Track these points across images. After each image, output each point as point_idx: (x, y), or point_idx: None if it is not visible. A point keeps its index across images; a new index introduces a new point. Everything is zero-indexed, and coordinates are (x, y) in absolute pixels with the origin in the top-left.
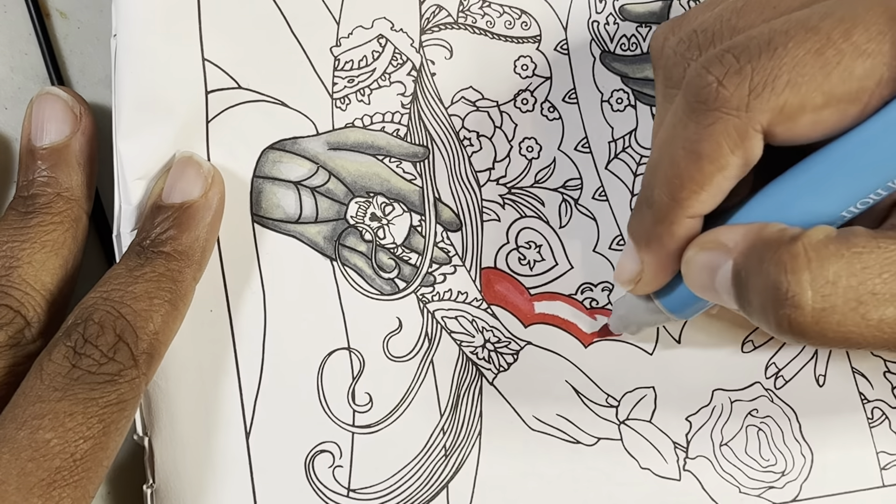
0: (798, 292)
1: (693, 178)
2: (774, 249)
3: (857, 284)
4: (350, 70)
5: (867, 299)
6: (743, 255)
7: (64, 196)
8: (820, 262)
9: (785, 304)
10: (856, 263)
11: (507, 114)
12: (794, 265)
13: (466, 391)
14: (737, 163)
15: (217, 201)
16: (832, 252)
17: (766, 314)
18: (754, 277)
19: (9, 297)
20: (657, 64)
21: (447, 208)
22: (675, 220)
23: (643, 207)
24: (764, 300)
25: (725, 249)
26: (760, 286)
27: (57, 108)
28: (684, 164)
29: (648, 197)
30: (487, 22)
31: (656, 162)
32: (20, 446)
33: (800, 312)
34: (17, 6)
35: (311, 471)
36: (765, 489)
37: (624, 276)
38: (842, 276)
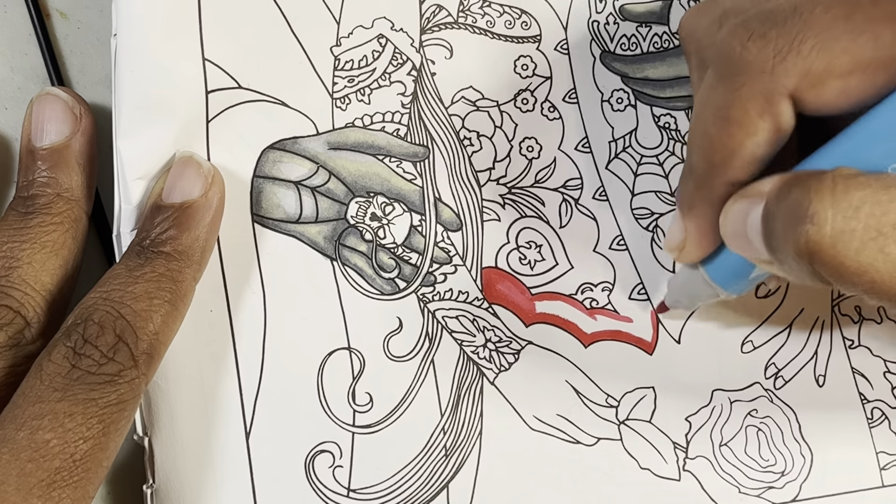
0: (819, 210)
1: (724, 143)
2: (804, 181)
3: (881, 214)
4: (350, 70)
5: (889, 232)
6: (774, 192)
7: (64, 196)
8: (846, 187)
9: (804, 221)
10: (882, 194)
11: (508, 113)
12: (819, 187)
13: (467, 391)
14: (766, 127)
15: (217, 201)
16: (860, 182)
17: (787, 239)
18: (780, 205)
19: (9, 297)
20: (689, 49)
21: (447, 208)
22: (713, 186)
23: (686, 175)
24: (786, 225)
25: (760, 194)
26: (784, 211)
27: (57, 109)
28: (715, 131)
29: (689, 164)
30: (487, 22)
31: (693, 130)
32: (20, 447)
33: (818, 231)
34: (17, 6)
35: (312, 471)
36: (764, 489)
37: (671, 244)
38: (866, 203)
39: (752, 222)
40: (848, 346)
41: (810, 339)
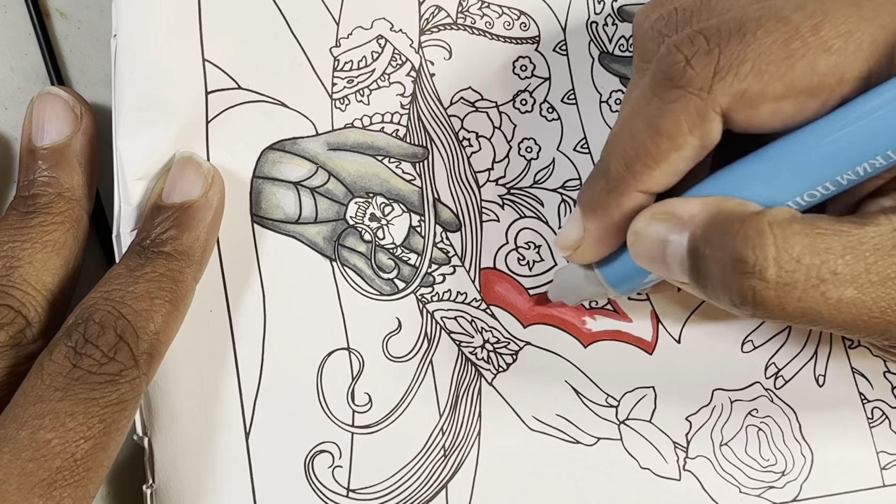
0: (764, 266)
1: (649, 153)
2: (740, 222)
3: (820, 264)
4: (349, 70)
5: (828, 278)
6: (702, 228)
7: (65, 196)
8: (785, 238)
9: (751, 277)
10: (819, 244)
11: (506, 114)
12: (761, 240)
13: (466, 391)
14: (694, 143)
15: (217, 201)
16: (797, 231)
17: (729, 287)
18: (715, 250)
19: (10, 297)
20: (636, 40)
21: (446, 209)
22: (626, 192)
23: (598, 176)
24: (726, 273)
25: (679, 222)
26: (722, 259)
27: (57, 108)
28: (642, 138)
29: (604, 166)
30: (486, 23)
31: (617, 133)
32: (21, 446)
33: (764, 286)
34: (17, 6)
35: (311, 471)
36: (765, 489)
37: (565, 242)
38: (805, 255)
39: (673, 252)
40: (848, 345)
41: (810, 339)
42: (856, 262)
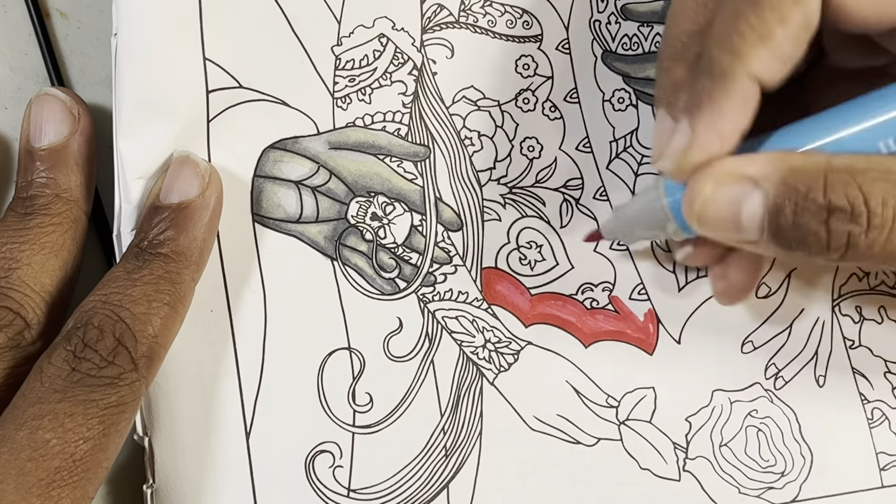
0: (860, 212)
1: (754, 28)
2: (820, 175)
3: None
4: (351, 69)
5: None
6: (780, 185)
7: (63, 197)
8: (867, 186)
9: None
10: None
11: (509, 113)
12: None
13: (467, 391)
14: (797, 17)
15: (214, 201)
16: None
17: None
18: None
19: (8, 298)
20: None
21: (448, 208)
22: (736, 78)
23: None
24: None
25: (751, 182)
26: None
27: (55, 109)
28: (745, 13)
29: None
30: (489, 21)
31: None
32: (19, 446)
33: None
34: (17, 6)
35: (312, 471)
36: (764, 490)
37: (672, 150)
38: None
39: (750, 214)
40: (848, 346)
41: (811, 340)
42: None
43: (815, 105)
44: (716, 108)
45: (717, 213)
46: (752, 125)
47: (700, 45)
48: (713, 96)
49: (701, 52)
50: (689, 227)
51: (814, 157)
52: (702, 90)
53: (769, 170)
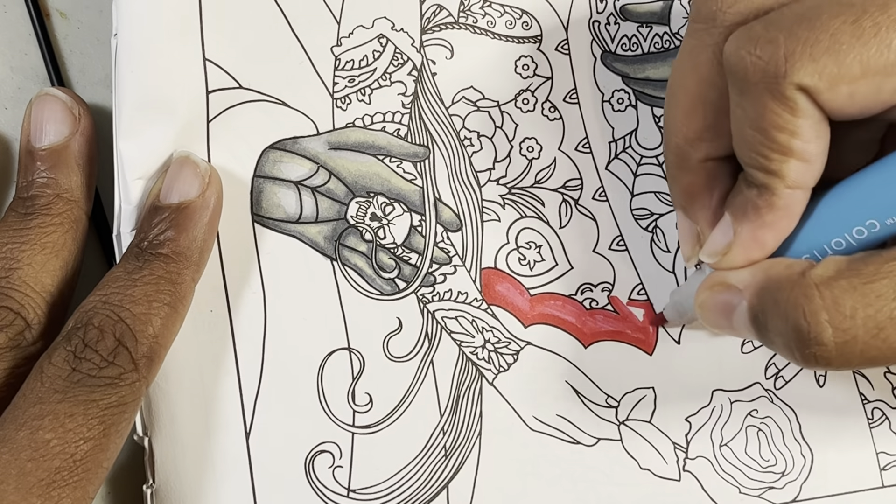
0: (819, 332)
1: (774, 150)
2: (788, 289)
3: (875, 313)
4: (351, 70)
5: (886, 324)
6: (756, 296)
7: (63, 197)
8: (834, 299)
9: (809, 345)
10: (869, 293)
11: (508, 114)
12: (811, 306)
13: (466, 391)
14: (807, 124)
15: (214, 201)
16: (844, 287)
17: (792, 352)
18: (773, 319)
19: (9, 298)
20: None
21: (447, 208)
22: (776, 192)
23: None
24: (787, 340)
25: (737, 291)
26: (781, 328)
27: (56, 109)
28: (759, 141)
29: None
30: (488, 22)
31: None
32: (20, 446)
33: (824, 349)
34: (17, 6)
35: (311, 471)
36: (765, 490)
37: (714, 248)
38: (858, 309)
39: (738, 320)
40: None
41: None
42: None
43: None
44: (760, 220)
45: (712, 317)
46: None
47: (701, 150)
48: (759, 207)
49: (703, 157)
50: None
51: (795, 265)
52: (746, 199)
53: (751, 280)
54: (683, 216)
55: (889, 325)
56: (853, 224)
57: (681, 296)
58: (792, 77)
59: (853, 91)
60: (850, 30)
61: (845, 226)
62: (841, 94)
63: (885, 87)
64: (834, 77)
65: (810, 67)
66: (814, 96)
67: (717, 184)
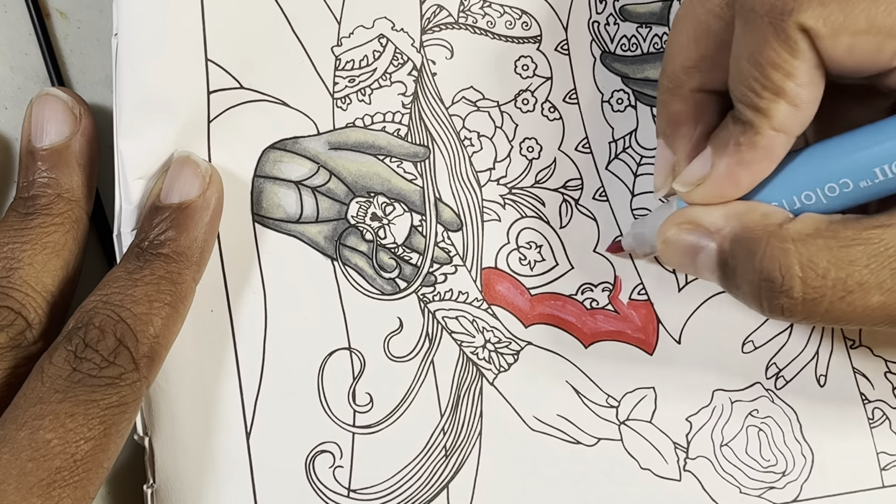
0: (791, 286)
1: (766, 87)
2: (764, 241)
3: (846, 277)
4: (351, 70)
5: (854, 289)
6: (729, 242)
7: (64, 197)
8: (809, 256)
9: (779, 297)
10: (843, 257)
11: (508, 114)
12: (786, 260)
13: (467, 391)
14: (803, 67)
15: (215, 201)
16: (821, 246)
17: (759, 301)
18: (744, 267)
19: (10, 298)
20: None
21: (448, 208)
22: (761, 131)
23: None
24: (756, 289)
25: (707, 232)
26: (752, 277)
27: (57, 109)
28: (753, 76)
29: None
30: (488, 22)
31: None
32: (20, 446)
33: (792, 302)
34: (17, 6)
35: (312, 471)
36: (765, 489)
37: (689, 177)
38: (831, 270)
39: (704, 261)
40: (849, 346)
41: (811, 339)
42: (881, 269)
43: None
44: (739, 156)
45: (676, 255)
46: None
47: (695, 79)
48: (740, 143)
49: (696, 86)
50: None
51: (772, 215)
52: (730, 134)
53: (724, 224)
54: (664, 145)
55: (857, 290)
56: (826, 180)
57: (643, 227)
58: (797, 16)
59: (854, 44)
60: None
61: (818, 180)
62: (841, 44)
63: (886, 47)
64: (838, 25)
65: (817, 10)
66: (814, 40)
67: (703, 117)
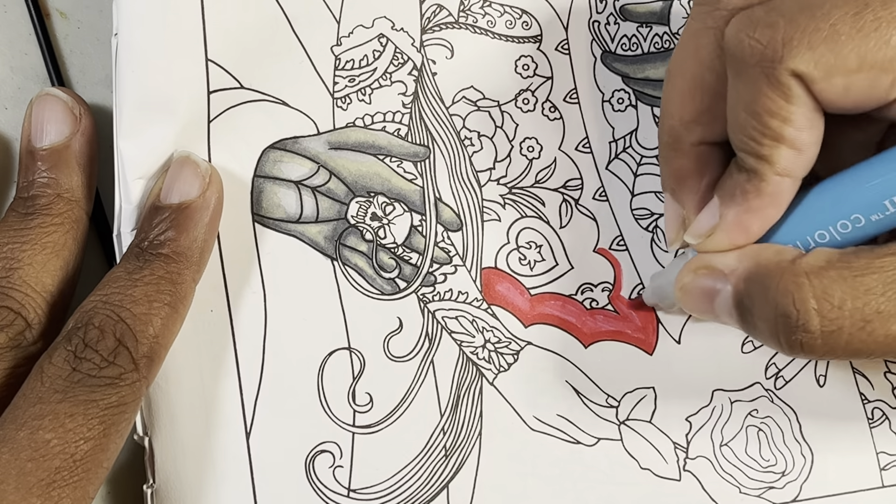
0: (807, 320)
1: (765, 135)
2: (778, 276)
3: (863, 306)
4: (351, 69)
5: (873, 318)
6: (744, 282)
7: (64, 197)
8: (823, 288)
9: (796, 332)
10: (859, 286)
11: (508, 113)
12: (801, 294)
13: (466, 391)
14: (800, 111)
15: (215, 201)
16: (834, 278)
17: (777, 338)
18: (760, 304)
19: (10, 298)
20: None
21: (448, 208)
22: (765, 178)
23: (735, 167)
24: (773, 326)
25: (721, 275)
26: (768, 314)
27: (57, 109)
28: (751, 125)
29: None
30: (488, 21)
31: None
32: (20, 446)
33: (810, 336)
34: (17, 6)
35: (312, 471)
36: (765, 489)
37: (698, 229)
38: (847, 300)
39: (721, 305)
40: None
41: None
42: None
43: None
44: (746, 204)
45: (694, 301)
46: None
47: (695, 133)
48: (746, 191)
49: (696, 140)
50: None
51: (785, 252)
52: (735, 183)
53: (737, 264)
54: (671, 200)
55: (875, 320)
56: (838, 217)
57: (662, 280)
58: (788, 63)
59: (848, 83)
60: (851, 22)
61: (830, 219)
62: (836, 85)
63: (881, 82)
64: (830, 67)
65: (807, 55)
66: (808, 84)
67: (707, 169)
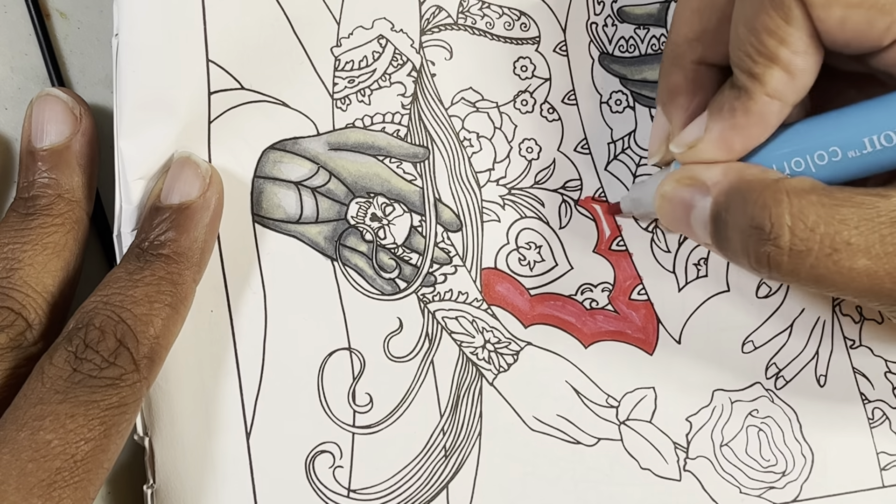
0: (779, 234)
1: (760, 53)
2: (759, 190)
3: (834, 233)
4: (350, 70)
5: (842, 247)
6: (724, 195)
7: (65, 197)
8: (801, 207)
9: (766, 244)
10: (834, 214)
11: (507, 115)
12: (778, 209)
13: (466, 392)
14: (797, 34)
15: (215, 201)
16: (813, 201)
17: (747, 250)
18: (736, 216)
19: (10, 298)
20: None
21: (447, 209)
22: (755, 97)
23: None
24: (745, 238)
25: (704, 187)
26: (742, 225)
27: (57, 110)
28: (749, 41)
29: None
30: (487, 23)
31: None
32: (20, 447)
33: (778, 252)
34: (17, 6)
35: (312, 471)
36: (765, 489)
37: (684, 139)
38: (820, 224)
39: (697, 216)
40: (849, 345)
41: (811, 339)
42: (870, 232)
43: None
44: (733, 121)
45: (671, 210)
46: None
47: (696, 51)
48: (734, 108)
49: (696, 58)
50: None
51: (771, 172)
52: (725, 99)
53: (720, 177)
54: (661, 114)
55: (844, 250)
56: (815, 147)
57: (642, 190)
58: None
59: (845, 16)
60: None
61: (808, 148)
62: (833, 14)
63: (878, 23)
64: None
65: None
66: (808, 9)
67: (700, 90)
